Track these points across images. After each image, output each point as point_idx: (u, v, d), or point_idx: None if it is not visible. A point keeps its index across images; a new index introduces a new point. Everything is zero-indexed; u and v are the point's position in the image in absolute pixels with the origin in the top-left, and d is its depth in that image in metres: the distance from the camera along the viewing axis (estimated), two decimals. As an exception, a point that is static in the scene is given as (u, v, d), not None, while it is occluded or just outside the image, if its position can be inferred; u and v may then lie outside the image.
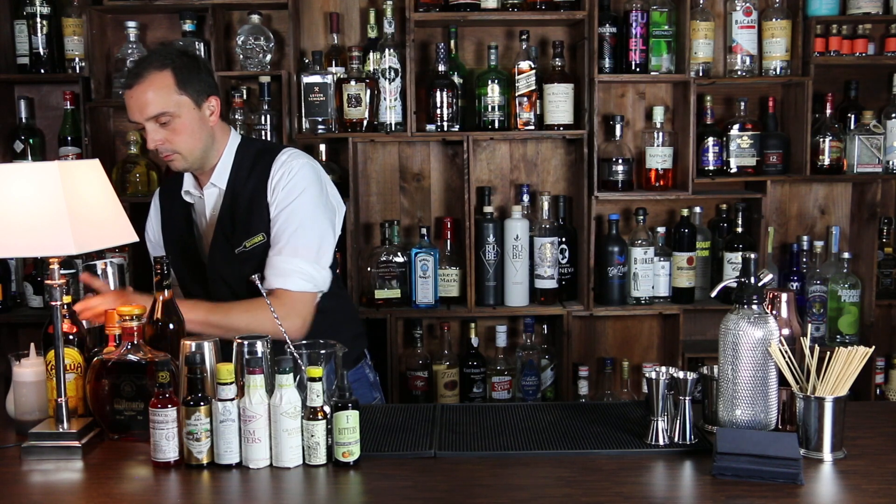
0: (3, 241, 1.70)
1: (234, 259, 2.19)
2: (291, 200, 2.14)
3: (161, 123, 2.10)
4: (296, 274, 2.10)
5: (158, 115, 2.09)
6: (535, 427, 1.89)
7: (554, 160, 3.41)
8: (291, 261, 2.10)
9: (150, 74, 2.09)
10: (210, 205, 2.24)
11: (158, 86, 2.09)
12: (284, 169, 2.17)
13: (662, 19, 3.17)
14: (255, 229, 2.17)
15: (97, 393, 1.82)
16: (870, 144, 3.22)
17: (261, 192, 2.18)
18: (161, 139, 2.11)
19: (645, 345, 3.48)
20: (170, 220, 2.32)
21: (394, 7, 3.16)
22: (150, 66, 2.10)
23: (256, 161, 2.22)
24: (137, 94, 2.09)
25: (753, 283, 1.76)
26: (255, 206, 2.18)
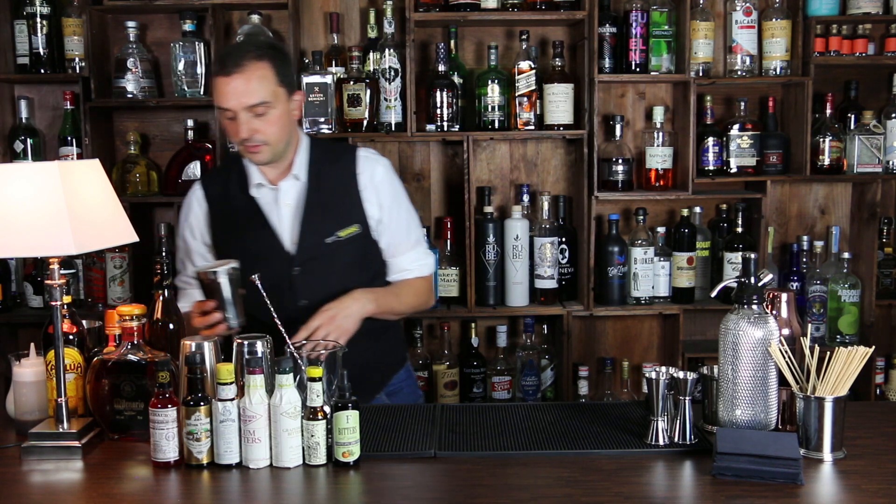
0: (3, 241, 1.70)
1: (325, 248, 2.22)
2: (396, 198, 2.31)
3: (257, 114, 2.11)
4: (425, 262, 2.38)
5: (258, 104, 2.10)
6: (535, 427, 1.89)
7: (554, 160, 3.41)
8: (419, 251, 2.36)
9: (251, 64, 2.10)
10: (289, 197, 2.24)
11: (260, 76, 2.11)
12: (379, 167, 2.29)
13: (662, 19, 3.17)
14: (349, 220, 2.24)
15: (97, 393, 1.82)
16: (870, 144, 3.22)
17: (350, 184, 2.25)
18: (254, 129, 2.12)
19: (645, 345, 3.48)
20: (225, 217, 2.29)
21: (394, 7, 3.16)
22: (250, 55, 2.11)
23: (335, 155, 2.31)
24: (238, 82, 2.08)
25: (753, 283, 1.76)
26: (346, 198, 2.25)
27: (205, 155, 3.23)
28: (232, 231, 2.28)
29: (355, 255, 2.26)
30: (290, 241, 2.24)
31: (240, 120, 2.11)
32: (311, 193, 2.24)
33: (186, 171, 3.23)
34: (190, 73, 3.17)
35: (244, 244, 2.25)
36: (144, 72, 3.17)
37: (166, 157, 3.31)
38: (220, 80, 2.10)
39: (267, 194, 2.26)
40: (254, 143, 2.13)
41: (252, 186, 2.26)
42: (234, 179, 2.30)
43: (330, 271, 2.23)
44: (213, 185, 2.34)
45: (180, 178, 3.23)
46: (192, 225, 2.33)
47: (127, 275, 3.18)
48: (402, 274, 2.35)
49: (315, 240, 2.23)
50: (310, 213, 2.23)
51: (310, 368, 1.68)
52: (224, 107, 2.11)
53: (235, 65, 2.09)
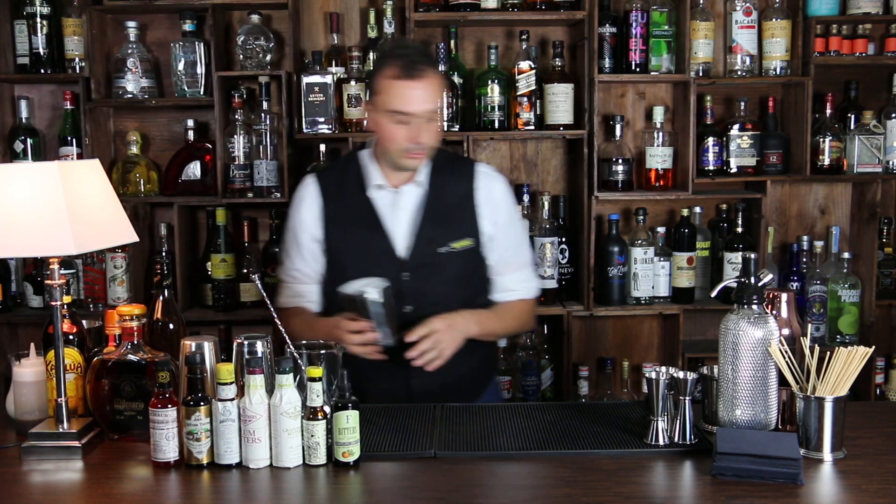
0: (3, 241, 1.70)
1: (437, 258, 2.23)
2: (511, 217, 2.35)
3: (428, 120, 2.14)
4: (531, 284, 2.41)
5: (433, 110, 2.15)
6: (535, 427, 1.89)
7: (554, 160, 3.41)
8: (526, 273, 2.40)
9: (431, 71, 2.16)
10: (409, 201, 2.25)
11: (437, 83, 2.17)
12: (498, 184, 2.32)
13: (662, 19, 3.17)
14: (463, 233, 2.26)
15: (97, 393, 1.82)
16: (870, 144, 3.22)
17: (468, 197, 2.27)
18: (425, 134, 2.14)
19: (645, 345, 3.48)
20: (339, 214, 2.27)
21: (394, 7, 3.16)
22: (429, 62, 2.17)
23: (453, 165, 2.32)
24: (423, 87, 2.12)
25: (753, 283, 1.76)
26: (462, 210, 2.27)
27: (205, 155, 3.23)
28: (345, 229, 2.26)
29: (464, 268, 2.27)
30: (403, 246, 2.23)
31: (416, 125, 2.12)
32: (430, 201, 2.25)
33: (186, 171, 3.23)
34: (190, 73, 3.17)
35: (356, 244, 2.24)
36: (144, 72, 3.17)
37: (166, 157, 3.31)
38: (404, 83, 2.11)
39: (386, 196, 2.25)
40: (418, 149, 2.15)
41: (371, 187, 2.25)
42: (352, 178, 2.28)
43: (438, 281, 2.23)
44: (328, 181, 2.32)
45: (180, 178, 3.23)
46: (305, 219, 2.29)
47: (127, 275, 3.18)
48: (506, 294, 2.36)
49: (429, 248, 2.23)
50: (427, 220, 2.23)
51: (310, 368, 1.68)
52: (405, 111, 2.11)
53: (420, 70, 2.12)
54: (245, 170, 3.14)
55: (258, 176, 3.13)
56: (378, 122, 2.18)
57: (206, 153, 3.24)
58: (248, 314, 3.21)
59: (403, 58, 2.15)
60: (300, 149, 3.26)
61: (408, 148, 2.15)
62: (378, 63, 2.21)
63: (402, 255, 2.23)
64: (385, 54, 2.21)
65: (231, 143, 3.13)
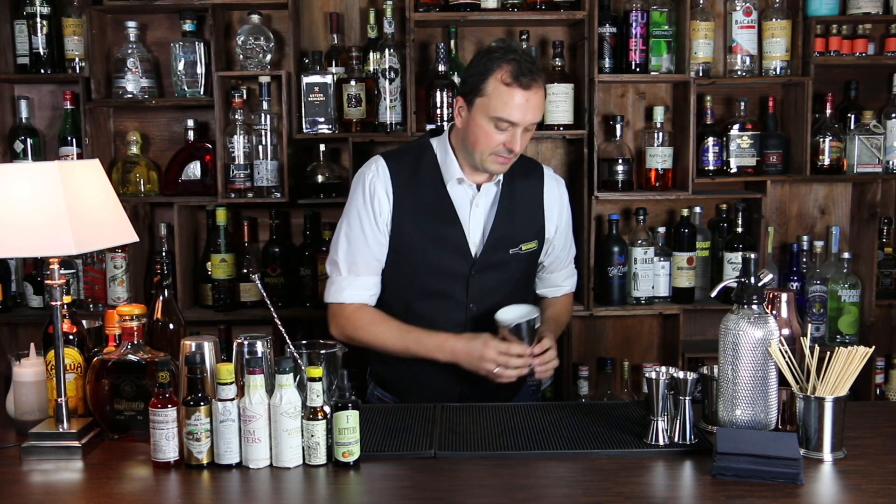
0: (3, 241, 1.70)
1: (506, 258, 2.24)
2: (569, 218, 2.40)
3: (526, 129, 2.12)
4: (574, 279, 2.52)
5: (535, 123, 2.13)
6: (535, 427, 1.89)
7: (554, 160, 3.41)
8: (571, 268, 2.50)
9: (542, 81, 2.12)
10: (486, 199, 2.24)
11: (543, 96, 2.14)
12: (563, 188, 2.37)
13: (662, 19, 3.17)
14: (532, 235, 2.29)
15: (97, 393, 1.82)
16: (870, 144, 3.22)
17: (537, 200, 2.30)
18: (521, 143, 2.12)
19: (645, 345, 3.48)
20: (414, 203, 2.20)
21: (394, 7, 3.16)
22: (540, 73, 2.12)
23: (525, 169, 2.31)
24: (534, 98, 2.09)
25: (753, 283, 1.76)
26: (532, 213, 2.29)
27: (205, 155, 3.24)
28: (418, 219, 2.21)
29: (525, 270, 2.31)
30: (475, 243, 2.22)
31: (517, 133, 2.10)
32: (504, 201, 2.25)
33: (186, 171, 3.23)
34: (190, 73, 3.17)
35: (429, 236, 2.21)
36: (144, 72, 3.17)
37: (166, 157, 3.31)
38: (517, 91, 2.06)
39: (464, 192, 2.23)
40: (512, 156, 2.14)
41: (451, 180, 2.22)
42: (427, 169, 2.23)
43: (503, 281, 2.24)
44: (399, 167, 2.23)
45: (180, 178, 3.23)
46: (375, 203, 2.20)
47: (127, 275, 3.18)
48: (555, 290, 2.44)
49: (500, 247, 2.23)
50: (501, 219, 2.23)
51: (310, 368, 1.68)
52: (513, 120, 2.07)
53: (534, 81, 2.08)
54: (245, 170, 3.14)
55: (258, 176, 3.13)
56: (475, 122, 2.11)
57: (206, 153, 3.24)
58: (248, 314, 3.21)
59: (516, 63, 2.07)
60: (300, 149, 3.26)
61: (499, 152, 2.12)
62: (487, 63, 2.09)
63: (473, 252, 2.22)
64: (496, 56, 2.10)
65: (231, 143, 3.13)
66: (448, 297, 2.22)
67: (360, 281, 2.22)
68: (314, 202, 3.20)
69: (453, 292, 2.22)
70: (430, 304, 2.23)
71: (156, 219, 3.36)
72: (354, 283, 2.22)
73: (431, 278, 2.22)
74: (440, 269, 2.21)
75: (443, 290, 2.22)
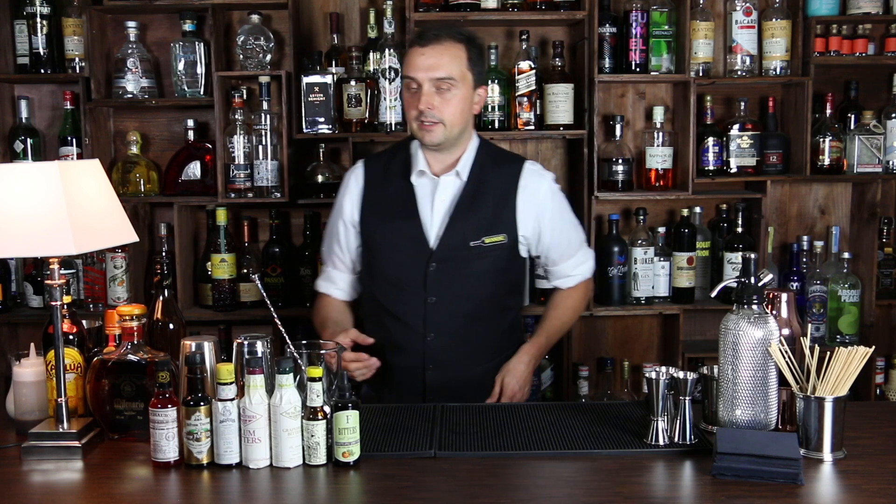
0: (3, 241, 1.70)
1: (466, 251, 2.23)
2: (560, 213, 2.36)
3: (439, 88, 2.14)
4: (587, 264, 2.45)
5: (444, 78, 2.15)
6: (535, 427, 1.89)
7: (554, 160, 3.41)
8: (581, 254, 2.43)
9: (447, 41, 2.18)
10: (446, 192, 2.25)
11: (453, 53, 2.17)
12: (545, 184, 2.33)
13: (662, 19, 3.17)
14: (499, 229, 2.26)
15: (97, 393, 1.82)
16: (870, 144, 3.22)
17: (510, 194, 2.27)
18: (433, 104, 2.15)
19: (645, 345, 3.48)
20: (378, 200, 2.30)
21: (394, 7, 3.16)
22: (448, 35, 2.19)
23: (500, 162, 2.32)
24: (431, 53, 2.15)
25: (753, 283, 1.76)
26: (502, 207, 2.26)
27: (205, 155, 3.24)
28: (381, 215, 2.28)
29: (495, 264, 2.27)
30: (435, 237, 2.24)
31: (423, 91, 2.14)
32: (468, 194, 2.25)
33: (186, 171, 3.23)
34: (190, 73, 3.17)
35: (389, 230, 2.26)
36: (144, 72, 3.17)
37: (166, 157, 3.31)
38: (415, 49, 2.17)
39: (425, 185, 2.26)
40: (429, 118, 2.15)
41: (414, 173, 2.26)
42: (398, 164, 2.30)
43: (465, 274, 2.24)
44: (374, 166, 2.34)
45: (180, 178, 3.24)
46: (345, 204, 2.33)
47: (127, 275, 3.18)
48: (566, 280, 2.42)
49: (458, 240, 2.23)
50: (461, 212, 2.23)
51: (310, 368, 1.68)
52: (411, 75, 2.15)
53: (433, 38, 2.16)
54: (245, 170, 3.14)
55: (258, 176, 3.13)
56: (403, 96, 2.23)
57: (206, 153, 3.24)
58: (248, 314, 3.21)
59: (427, 28, 2.21)
60: (300, 149, 3.26)
61: (417, 117, 2.16)
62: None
63: (432, 245, 2.23)
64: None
65: (231, 143, 3.13)
66: (407, 289, 2.24)
67: (332, 273, 2.41)
68: (314, 202, 3.20)
69: (412, 284, 2.23)
70: (392, 295, 2.26)
71: (156, 219, 3.36)
72: (328, 274, 2.43)
73: (392, 269, 2.27)
74: (399, 261, 2.26)
75: (402, 281, 2.25)
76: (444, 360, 2.24)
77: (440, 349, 2.24)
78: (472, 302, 2.25)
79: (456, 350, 2.25)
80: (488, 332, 2.30)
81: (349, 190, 2.33)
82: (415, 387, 2.24)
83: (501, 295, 2.32)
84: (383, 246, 2.27)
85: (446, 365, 2.24)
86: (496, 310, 2.32)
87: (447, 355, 2.24)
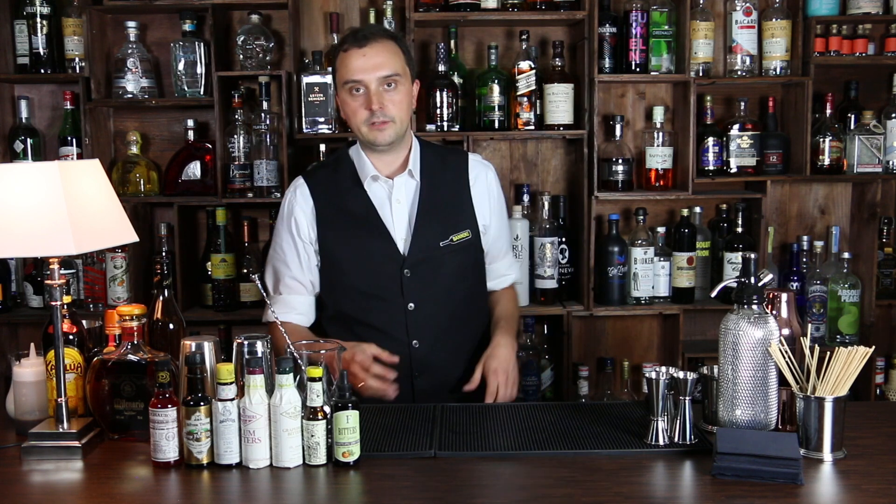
0: (3, 241, 1.70)
1: (438, 251, 2.21)
2: (501, 204, 2.36)
3: (387, 86, 2.13)
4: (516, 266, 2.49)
5: (390, 75, 2.12)
6: (535, 427, 1.89)
7: (554, 160, 3.41)
8: (511, 257, 2.46)
9: (382, 39, 2.15)
10: (403, 193, 2.22)
11: (391, 50, 2.15)
12: (491, 173, 2.33)
13: (662, 19, 3.17)
14: (462, 225, 2.25)
15: (97, 393, 1.82)
16: (870, 144, 3.22)
17: (463, 188, 2.27)
18: (383, 103, 2.12)
19: (645, 345, 3.48)
20: (334, 213, 2.22)
21: (394, 7, 3.16)
22: (379, 33, 2.17)
23: (446, 157, 2.31)
24: (372, 54, 2.12)
25: (753, 283, 1.76)
26: (459, 202, 2.26)
27: (205, 155, 3.24)
28: (342, 229, 2.22)
29: (464, 261, 2.25)
30: (403, 242, 2.20)
31: (371, 92, 2.11)
32: (426, 193, 2.22)
33: (186, 171, 3.23)
34: (190, 73, 3.17)
35: (353, 242, 2.20)
36: (144, 72, 3.17)
37: (166, 157, 3.31)
38: (353, 52, 2.12)
39: (380, 189, 2.22)
40: (382, 118, 2.12)
41: (367, 179, 2.21)
42: (345, 174, 2.24)
43: (439, 275, 2.21)
44: (318, 181, 2.27)
45: (180, 178, 3.24)
46: (296, 223, 2.24)
47: (127, 275, 3.18)
48: (501, 280, 2.40)
49: (428, 242, 2.20)
50: (424, 213, 2.20)
51: (310, 368, 1.68)
52: (356, 78, 2.12)
53: (366, 38, 2.13)
54: (245, 170, 3.14)
55: (258, 176, 3.13)
56: (341, 100, 2.19)
57: (206, 153, 3.24)
58: (248, 314, 3.21)
59: (355, 31, 2.18)
60: (300, 149, 3.26)
61: (367, 119, 2.13)
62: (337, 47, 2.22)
63: (402, 250, 2.19)
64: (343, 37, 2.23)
65: (231, 143, 3.13)
66: (384, 299, 2.19)
67: (286, 300, 2.26)
68: (314, 202, 3.19)
69: (388, 294, 2.18)
70: (369, 310, 2.20)
71: (156, 219, 3.36)
72: (279, 301, 2.25)
73: (365, 282, 2.20)
74: (371, 273, 2.19)
75: (378, 292, 2.19)
76: (430, 365, 2.20)
77: (426, 355, 2.20)
78: (451, 303, 2.22)
79: (442, 353, 2.21)
80: (470, 331, 2.29)
81: (299, 208, 2.23)
82: (404, 396, 2.16)
83: (476, 291, 2.31)
84: (350, 259, 2.20)
85: (434, 369, 2.21)
86: (474, 307, 2.31)
87: (434, 360, 2.21)
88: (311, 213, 2.23)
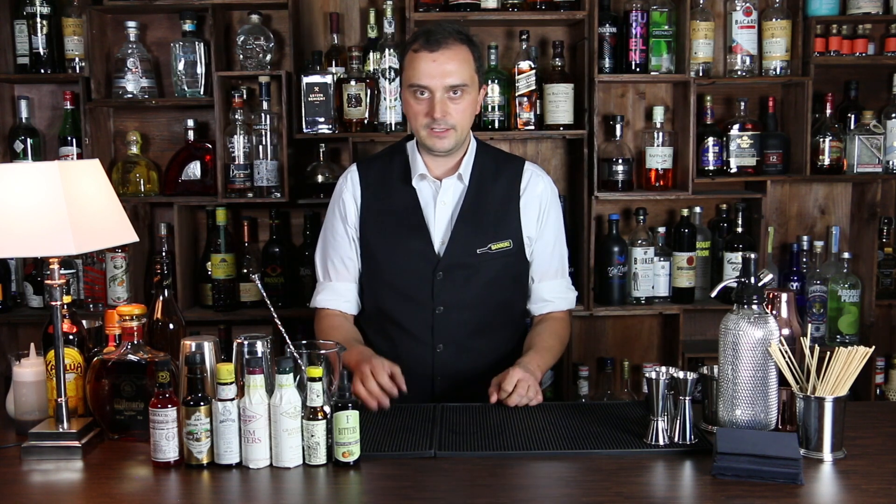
0: (3, 241, 1.70)
1: (474, 258, 2.17)
2: (555, 219, 2.27)
3: (453, 95, 2.08)
4: (567, 296, 2.32)
5: (459, 85, 2.08)
6: (535, 427, 1.89)
7: (554, 160, 3.41)
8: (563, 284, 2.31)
9: (454, 44, 2.08)
10: (448, 195, 2.19)
11: (463, 57, 2.09)
12: (546, 184, 2.26)
13: (662, 19, 3.17)
14: (504, 234, 2.20)
15: (97, 393, 1.82)
16: (870, 144, 3.22)
17: (512, 197, 2.21)
18: (447, 111, 2.08)
19: (645, 345, 3.48)
20: (378, 206, 2.22)
21: (394, 7, 3.16)
22: (452, 37, 2.08)
23: (500, 164, 2.25)
24: (442, 60, 2.06)
25: (753, 283, 1.76)
26: (505, 211, 2.21)
27: (205, 155, 3.24)
28: (382, 222, 2.20)
29: (502, 272, 2.20)
30: (440, 244, 2.18)
31: (436, 99, 2.07)
32: (471, 198, 2.18)
33: (186, 171, 3.23)
34: (190, 73, 3.17)
35: (393, 238, 2.19)
36: (144, 72, 3.17)
37: (166, 157, 3.31)
38: (423, 55, 2.06)
39: (427, 189, 2.19)
40: (443, 126, 2.08)
41: (415, 177, 2.19)
42: (396, 169, 2.22)
43: (471, 282, 2.17)
44: (370, 172, 2.25)
45: (180, 178, 3.24)
46: (343, 211, 2.25)
47: (127, 275, 3.18)
48: (540, 305, 2.29)
49: (465, 248, 2.17)
50: (465, 218, 2.17)
51: (310, 368, 1.68)
52: (423, 84, 2.07)
53: (439, 42, 2.06)
54: (245, 170, 3.14)
55: (258, 176, 3.13)
56: (404, 99, 2.15)
57: (206, 153, 3.24)
58: (248, 314, 3.21)
59: (427, 31, 2.09)
60: (300, 149, 3.26)
61: (428, 125, 2.09)
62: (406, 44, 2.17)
63: (438, 252, 2.18)
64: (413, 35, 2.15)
65: (231, 143, 3.13)
66: (414, 299, 2.18)
67: (333, 287, 2.27)
68: (314, 202, 3.20)
69: (419, 294, 2.17)
70: (398, 305, 2.19)
71: (156, 219, 3.36)
72: (327, 288, 2.27)
73: (398, 279, 2.20)
74: (405, 270, 2.18)
75: (409, 291, 2.18)
76: (453, 370, 2.19)
77: (449, 360, 2.18)
78: (480, 311, 2.19)
79: (465, 360, 2.19)
80: (498, 341, 2.25)
81: (349, 193, 2.24)
82: (424, 398, 2.15)
83: (510, 303, 2.27)
84: (386, 254, 2.19)
85: (455, 375, 2.19)
86: (506, 317, 2.27)
87: (456, 366, 2.19)
88: (358, 201, 2.24)
